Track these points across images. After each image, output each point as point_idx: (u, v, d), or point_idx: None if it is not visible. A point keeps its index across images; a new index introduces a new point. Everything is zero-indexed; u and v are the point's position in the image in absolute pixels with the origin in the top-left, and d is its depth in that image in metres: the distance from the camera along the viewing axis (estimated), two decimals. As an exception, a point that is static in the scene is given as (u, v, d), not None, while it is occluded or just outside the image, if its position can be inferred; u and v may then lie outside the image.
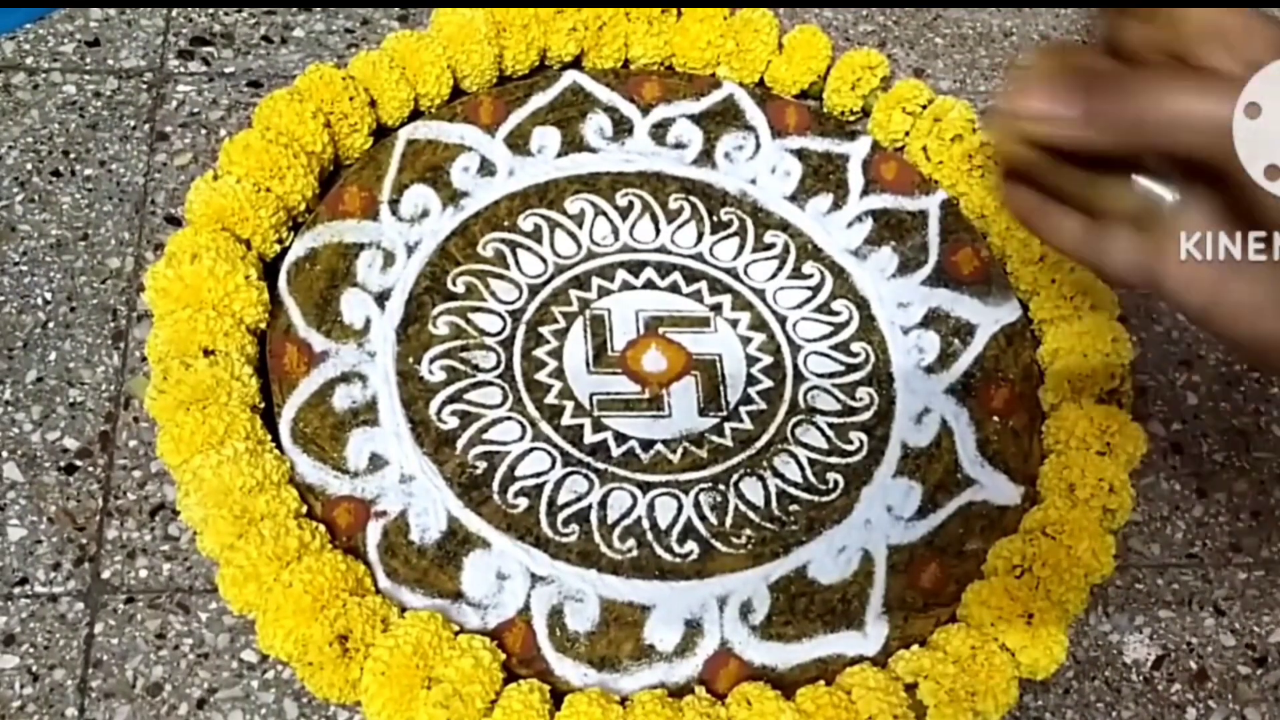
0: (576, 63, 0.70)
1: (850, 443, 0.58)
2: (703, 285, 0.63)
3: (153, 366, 0.54)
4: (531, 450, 0.56)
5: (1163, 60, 0.31)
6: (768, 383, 0.59)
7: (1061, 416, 0.59)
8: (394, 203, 0.62)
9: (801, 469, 0.57)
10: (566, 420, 0.57)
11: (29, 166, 0.63)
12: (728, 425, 0.58)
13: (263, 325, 0.57)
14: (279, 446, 0.54)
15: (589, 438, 0.57)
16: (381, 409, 0.56)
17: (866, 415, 0.59)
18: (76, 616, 0.52)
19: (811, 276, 0.64)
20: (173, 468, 0.52)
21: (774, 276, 0.63)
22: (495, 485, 0.55)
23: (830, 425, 0.58)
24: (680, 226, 0.64)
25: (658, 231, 0.64)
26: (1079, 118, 0.31)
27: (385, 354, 0.58)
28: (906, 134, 0.68)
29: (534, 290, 0.61)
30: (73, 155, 0.64)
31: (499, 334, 0.59)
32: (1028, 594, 0.52)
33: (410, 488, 0.54)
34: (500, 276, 0.61)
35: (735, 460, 0.57)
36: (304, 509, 0.53)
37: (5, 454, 0.55)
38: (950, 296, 0.64)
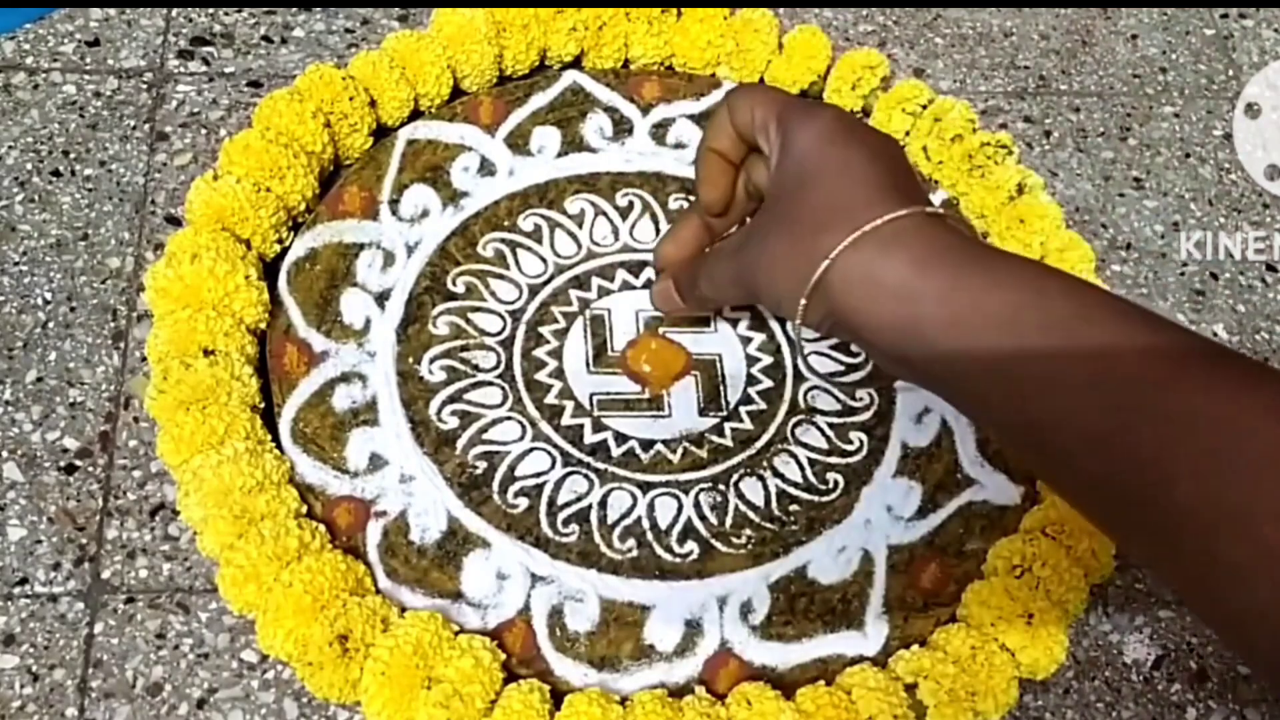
0: (576, 63, 0.70)
1: (850, 443, 0.58)
2: (703, 285, 0.63)
3: (153, 366, 0.54)
4: (531, 450, 0.56)
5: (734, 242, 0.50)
6: (768, 383, 0.60)
7: (1061, 416, 0.59)
8: (394, 203, 0.62)
9: (801, 469, 0.57)
10: (566, 420, 0.57)
11: (29, 166, 0.63)
12: (728, 425, 0.58)
13: (263, 325, 0.57)
14: (279, 446, 0.54)
15: (589, 438, 0.57)
16: (381, 409, 0.56)
17: (866, 415, 0.59)
18: (76, 616, 0.52)
19: (811, 276, 0.64)
20: (173, 468, 0.52)
21: (774, 276, 0.63)
22: (495, 485, 0.55)
23: (830, 425, 0.58)
24: (680, 226, 0.64)
25: (658, 231, 0.64)
26: (689, 306, 0.56)
27: (385, 354, 0.58)
28: (906, 134, 0.68)
29: (534, 290, 0.61)
30: (73, 155, 0.64)
31: (499, 334, 0.59)
32: (1028, 594, 0.52)
33: (410, 488, 0.54)
34: (500, 276, 0.61)
35: (735, 460, 0.57)
36: (304, 509, 0.53)
37: (5, 454, 0.55)
38: (950, 296, 0.63)
